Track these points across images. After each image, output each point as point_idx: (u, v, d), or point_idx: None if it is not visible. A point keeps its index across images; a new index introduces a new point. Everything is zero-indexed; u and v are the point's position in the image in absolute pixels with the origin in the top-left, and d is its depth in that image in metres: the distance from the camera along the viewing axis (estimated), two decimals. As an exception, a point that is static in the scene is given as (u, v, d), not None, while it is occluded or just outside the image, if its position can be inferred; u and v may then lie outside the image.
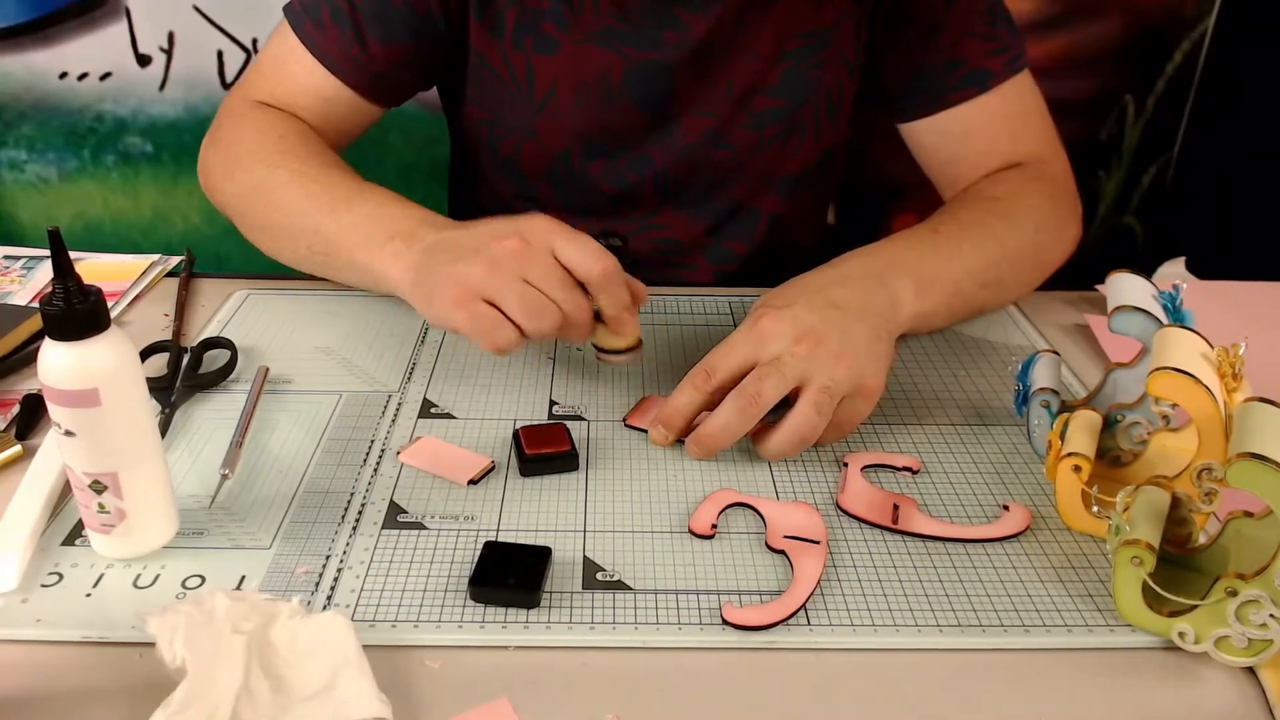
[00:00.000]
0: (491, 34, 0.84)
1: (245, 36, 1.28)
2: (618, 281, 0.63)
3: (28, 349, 0.75)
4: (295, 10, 0.83)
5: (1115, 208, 1.53)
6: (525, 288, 0.61)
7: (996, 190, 0.82)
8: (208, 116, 1.30)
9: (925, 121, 0.87)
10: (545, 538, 0.57)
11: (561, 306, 0.62)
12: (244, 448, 0.64)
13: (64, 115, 1.33)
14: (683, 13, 0.82)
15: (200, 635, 0.46)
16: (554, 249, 0.63)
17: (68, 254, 0.49)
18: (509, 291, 0.61)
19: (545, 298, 0.61)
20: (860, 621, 0.52)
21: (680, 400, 0.64)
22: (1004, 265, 0.78)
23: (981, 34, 0.83)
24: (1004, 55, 0.84)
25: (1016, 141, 0.86)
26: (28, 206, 1.38)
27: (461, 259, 0.63)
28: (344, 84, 0.83)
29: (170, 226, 1.31)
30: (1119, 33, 1.40)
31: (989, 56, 0.84)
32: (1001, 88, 0.84)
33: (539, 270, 0.62)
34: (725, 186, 0.91)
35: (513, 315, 0.61)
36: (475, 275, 0.62)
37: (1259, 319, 0.86)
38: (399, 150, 1.36)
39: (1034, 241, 0.80)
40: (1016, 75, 0.85)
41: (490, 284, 0.61)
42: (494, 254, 0.62)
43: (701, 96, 0.86)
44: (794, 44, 0.85)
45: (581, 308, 0.63)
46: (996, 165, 0.86)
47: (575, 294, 0.63)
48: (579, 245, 0.63)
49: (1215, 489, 0.51)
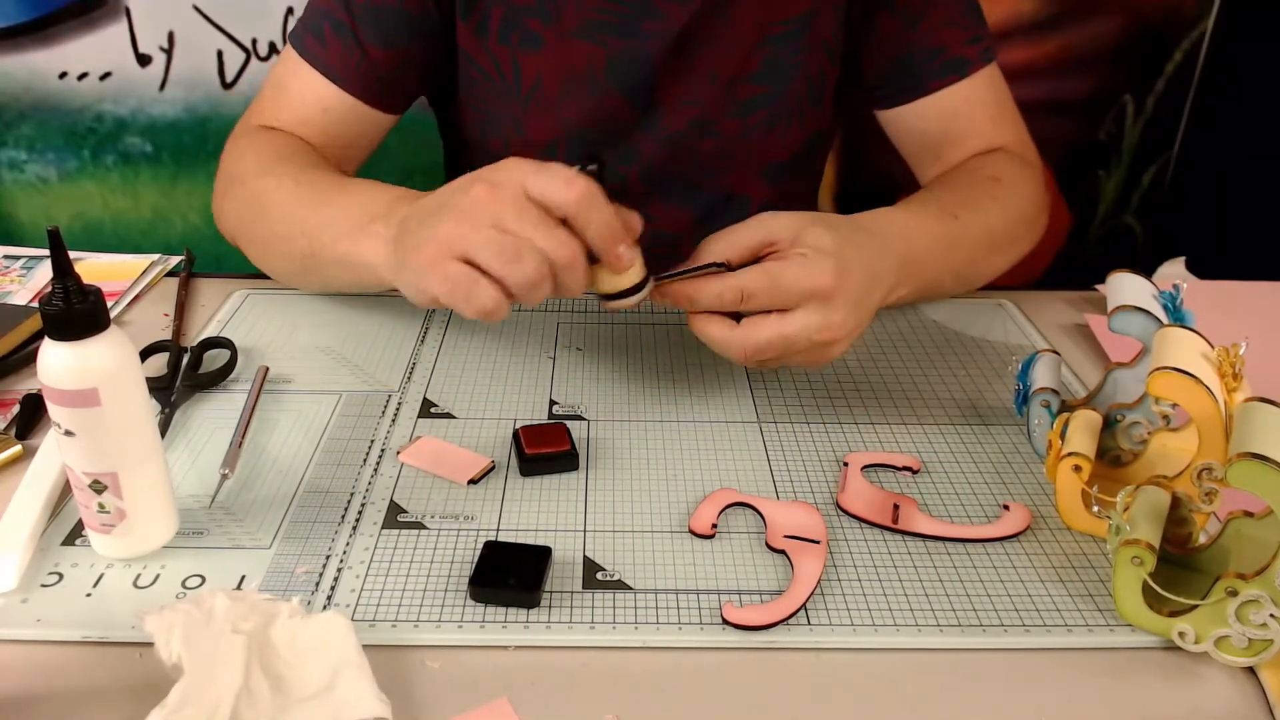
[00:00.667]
0: (477, 34, 0.84)
1: (245, 37, 1.28)
2: (599, 205, 0.57)
3: (28, 349, 0.75)
4: (298, 32, 0.84)
5: (1115, 207, 1.53)
6: (498, 234, 0.56)
7: (997, 171, 0.83)
8: (208, 117, 1.31)
9: (908, 108, 0.88)
10: (545, 538, 0.57)
11: (542, 246, 0.56)
12: (244, 448, 0.64)
13: (64, 115, 1.33)
14: (662, 3, 0.82)
15: (198, 634, 0.46)
16: (523, 185, 0.57)
17: (67, 254, 0.49)
18: (481, 241, 0.56)
19: (520, 239, 0.56)
20: (860, 621, 0.52)
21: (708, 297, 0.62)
22: (980, 258, 0.80)
23: (959, 23, 0.86)
24: (978, 44, 0.86)
25: (997, 127, 0.88)
26: (27, 206, 1.38)
27: (430, 219, 0.59)
28: (347, 93, 0.83)
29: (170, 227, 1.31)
30: (1118, 33, 1.40)
31: (966, 45, 0.86)
32: (978, 75, 0.86)
33: (510, 211, 0.56)
34: (713, 175, 0.92)
35: (488, 267, 0.56)
36: (443, 232, 0.57)
37: (1259, 319, 0.86)
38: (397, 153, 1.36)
39: (1015, 235, 0.83)
40: (989, 65, 0.87)
41: (460, 237, 0.56)
42: (461, 206, 0.57)
43: (685, 85, 0.86)
44: (775, 30, 0.86)
45: (565, 244, 0.56)
46: (979, 149, 0.88)
47: (556, 231, 0.56)
48: (547, 175, 0.57)
49: (1215, 489, 0.51)
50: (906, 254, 0.70)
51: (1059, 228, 1.54)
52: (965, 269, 0.79)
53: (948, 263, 0.76)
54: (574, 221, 0.57)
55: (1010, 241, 0.82)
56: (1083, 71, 1.42)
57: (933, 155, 0.89)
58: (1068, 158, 1.47)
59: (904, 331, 0.82)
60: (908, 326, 0.82)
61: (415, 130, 0.95)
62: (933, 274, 0.75)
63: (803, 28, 0.86)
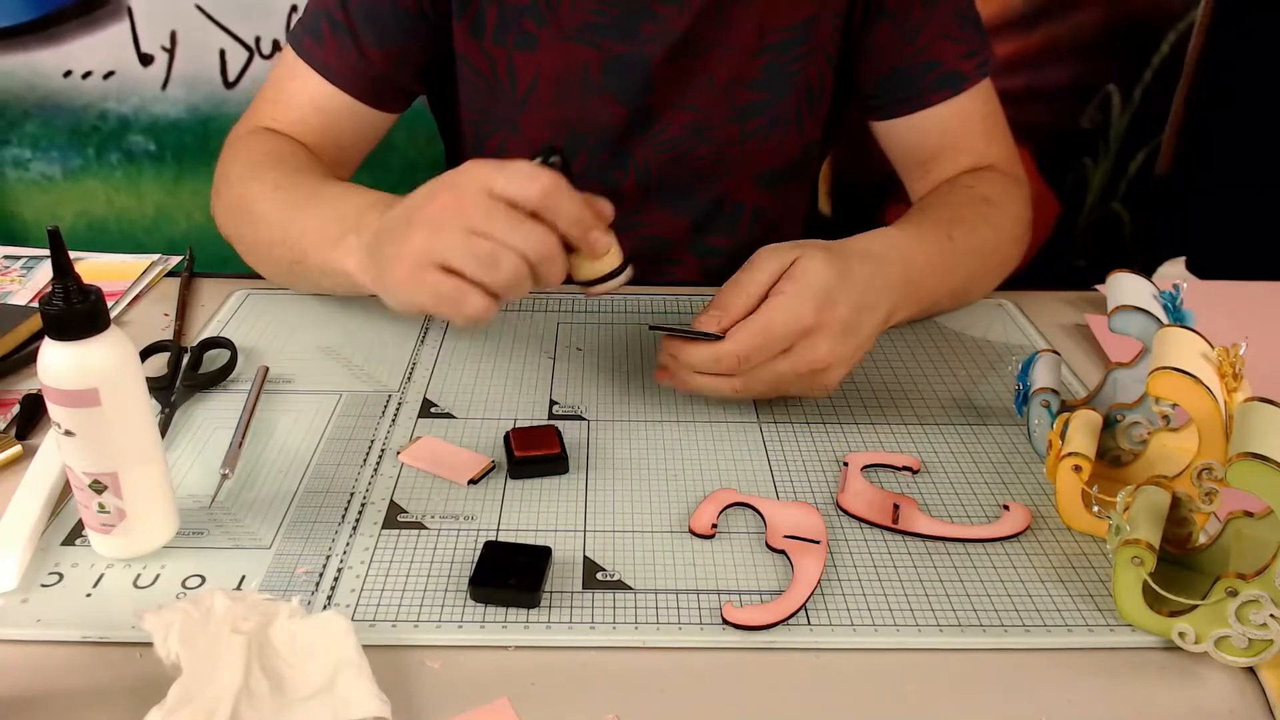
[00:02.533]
0: (472, 34, 0.84)
1: (248, 35, 1.29)
2: (566, 196, 0.58)
3: (28, 349, 0.75)
4: (295, 32, 0.84)
5: (1103, 195, 1.54)
6: (472, 239, 0.56)
7: (988, 191, 0.83)
8: (210, 116, 1.32)
9: (903, 120, 0.88)
10: (545, 538, 0.57)
11: (517, 246, 0.56)
12: (244, 448, 0.64)
13: (68, 114, 1.33)
14: (660, 5, 0.82)
15: (196, 634, 0.46)
16: (488, 187, 0.57)
17: (67, 253, 0.49)
18: (456, 248, 0.56)
19: (495, 243, 0.56)
20: (860, 621, 0.52)
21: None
22: (975, 280, 0.82)
23: (956, 37, 0.85)
24: (974, 59, 0.86)
25: (988, 144, 0.88)
26: (31, 205, 1.39)
27: (400, 232, 0.59)
28: (345, 92, 0.83)
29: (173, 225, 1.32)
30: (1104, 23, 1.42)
31: (962, 60, 0.86)
32: (973, 90, 0.86)
33: (480, 214, 0.56)
34: (709, 181, 0.91)
35: (470, 274, 0.56)
36: (417, 243, 0.57)
37: (1259, 319, 0.86)
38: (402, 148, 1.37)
39: (1006, 255, 0.84)
40: (985, 80, 0.87)
41: (436, 247, 0.57)
42: (429, 215, 0.58)
43: (683, 89, 0.86)
44: (776, 36, 0.86)
45: (540, 240, 0.57)
46: (970, 165, 0.88)
47: (527, 226, 0.57)
48: (509, 173, 0.57)
49: (1215, 489, 0.51)
50: (907, 277, 0.70)
51: (1047, 216, 1.55)
52: (961, 288, 0.81)
53: (946, 284, 0.77)
54: (543, 215, 0.57)
55: (1002, 262, 0.83)
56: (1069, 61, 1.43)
57: (923, 169, 0.89)
58: (1055, 146, 1.48)
59: (904, 331, 0.82)
60: (908, 326, 0.82)
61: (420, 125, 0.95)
62: (931, 295, 0.76)
63: (803, 35, 0.86)
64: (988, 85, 0.88)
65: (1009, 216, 0.83)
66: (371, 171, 0.77)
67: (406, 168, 1.37)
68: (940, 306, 0.82)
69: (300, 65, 0.83)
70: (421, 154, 1.37)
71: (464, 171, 0.59)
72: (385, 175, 1.36)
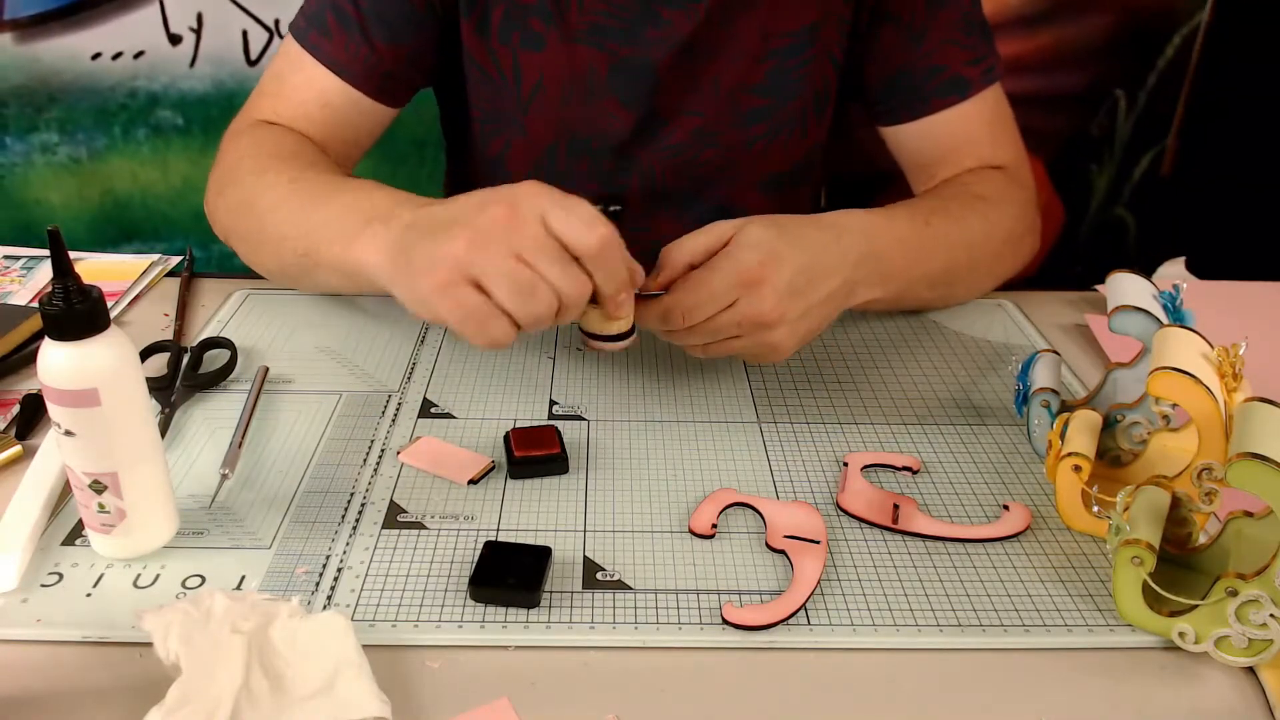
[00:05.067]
0: (479, 32, 0.84)
1: (268, 17, 1.37)
2: (617, 255, 0.57)
3: (28, 349, 0.75)
4: (299, 25, 0.83)
5: (1107, 200, 1.54)
6: (515, 265, 0.55)
7: (984, 189, 0.83)
8: (235, 91, 1.41)
9: (909, 125, 0.88)
10: (545, 538, 0.57)
11: (556, 286, 0.56)
12: (244, 448, 0.64)
13: (94, 95, 1.40)
14: (665, 9, 0.82)
15: (196, 633, 0.46)
16: (545, 217, 0.56)
17: (67, 253, 0.49)
18: (497, 271, 0.55)
19: (538, 276, 0.55)
20: (860, 621, 0.52)
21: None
22: (959, 270, 0.80)
23: (961, 43, 0.85)
24: (980, 65, 0.86)
25: (996, 147, 0.88)
26: (59, 189, 1.45)
27: (441, 234, 0.57)
28: (353, 87, 0.82)
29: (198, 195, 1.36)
30: (1109, 27, 1.42)
31: (968, 65, 0.85)
32: (980, 96, 0.86)
33: (529, 243, 0.55)
34: (714, 186, 0.91)
35: (502, 300, 0.55)
36: (457, 251, 0.56)
37: (1259, 319, 0.86)
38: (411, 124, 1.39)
39: (998, 252, 0.83)
40: (992, 85, 0.87)
41: (475, 261, 0.55)
42: (478, 226, 0.56)
43: (688, 95, 0.86)
44: (781, 42, 0.85)
45: (580, 287, 0.57)
46: (973, 168, 0.87)
47: (571, 270, 0.56)
48: (572, 212, 0.56)
49: (1215, 489, 0.51)
50: (868, 252, 0.69)
51: (1054, 222, 1.55)
52: (942, 278, 0.79)
53: (921, 268, 0.75)
54: (588, 264, 0.57)
55: (993, 258, 0.82)
56: (1075, 66, 1.43)
57: (928, 173, 0.89)
58: (1060, 151, 1.48)
59: (904, 331, 0.82)
60: (908, 326, 0.82)
61: (427, 104, 0.96)
62: (902, 278, 0.74)
63: (808, 40, 0.85)
64: (996, 90, 0.87)
65: (1004, 214, 0.82)
66: (380, 148, 0.77)
67: (414, 143, 1.41)
68: (919, 294, 0.80)
69: (306, 59, 0.82)
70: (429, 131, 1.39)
71: (522, 192, 0.57)
72: (394, 150, 1.40)
